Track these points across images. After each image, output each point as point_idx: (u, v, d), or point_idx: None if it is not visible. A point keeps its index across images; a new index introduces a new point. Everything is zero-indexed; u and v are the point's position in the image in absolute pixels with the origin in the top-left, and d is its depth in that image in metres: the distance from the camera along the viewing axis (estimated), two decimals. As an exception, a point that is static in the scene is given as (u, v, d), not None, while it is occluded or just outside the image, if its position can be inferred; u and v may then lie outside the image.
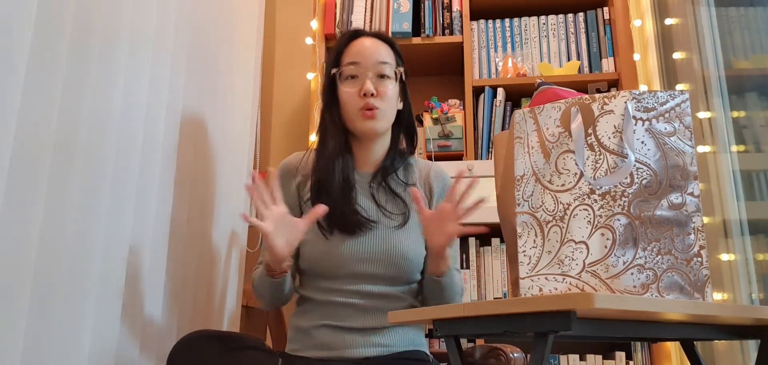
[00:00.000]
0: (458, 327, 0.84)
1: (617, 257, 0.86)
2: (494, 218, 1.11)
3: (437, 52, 2.32)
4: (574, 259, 0.87)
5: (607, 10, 2.26)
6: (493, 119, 2.20)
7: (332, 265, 1.26)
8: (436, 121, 2.19)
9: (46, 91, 0.98)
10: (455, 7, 2.28)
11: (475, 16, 2.35)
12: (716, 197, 1.70)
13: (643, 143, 0.89)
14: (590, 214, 0.88)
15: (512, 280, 1.02)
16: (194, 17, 1.55)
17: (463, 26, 2.26)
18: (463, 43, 2.25)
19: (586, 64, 2.23)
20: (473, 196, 1.14)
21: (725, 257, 1.66)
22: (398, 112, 1.38)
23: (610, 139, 0.90)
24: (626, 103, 0.91)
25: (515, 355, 1.26)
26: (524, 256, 0.90)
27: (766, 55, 1.73)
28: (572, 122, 0.92)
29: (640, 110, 0.90)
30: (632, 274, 0.85)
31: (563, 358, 1.95)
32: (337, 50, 1.36)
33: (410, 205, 1.33)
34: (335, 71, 1.33)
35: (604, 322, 0.78)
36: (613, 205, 0.88)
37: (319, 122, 1.38)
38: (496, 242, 2.03)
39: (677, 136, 0.89)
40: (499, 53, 2.30)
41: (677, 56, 1.96)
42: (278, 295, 1.28)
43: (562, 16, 2.30)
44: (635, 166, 0.88)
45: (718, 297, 1.65)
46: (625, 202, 0.88)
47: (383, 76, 1.32)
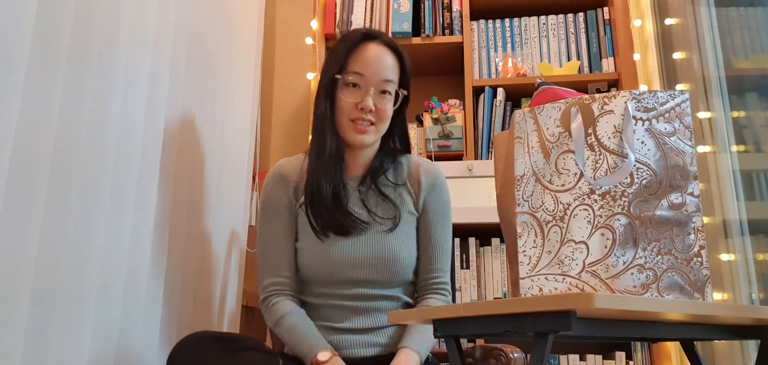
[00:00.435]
0: (458, 327, 0.84)
1: (617, 257, 0.86)
2: (494, 218, 1.11)
3: (437, 52, 2.32)
4: (574, 259, 0.87)
5: (607, 10, 2.26)
6: (493, 119, 2.20)
7: (326, 271, 1.27)
8: (436, 121, 2.19)
9: (46, 91, 0.97)
10: (455, 7, 2.28)
11: (475, 16, 2.35)
12: (716, 197, 1.70)
13: (643, 143, 0.89)
14: (590, 214, 0.88)
15: (512, 280, 1.02)
16: (194, 17, 1.55)
17: (463, 26, 2.26)
18: (463, 43, 2.25)
19: (586, 64, 2.23)
20: (473, 196, 1.13)
21: (725, 257, 1.66)
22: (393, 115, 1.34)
23: (610, 139, 0.90)
24: (626, 103, 0.90)
25: (515, 355, 1.26)
26: (524, 256, 0.90)
27: (766, 55, 1.73)
28: (572, 122, 0.92)
29: (640, 110, 0.90)
30: (632, 274, 0.85)
31: (563, 358, 1.95)
32: (344, 51, 1.30)
33: (400, 206, 1.32)
34: (339, 78, 1.29)
35: (604, 322, 0.78)
36: (613, 205, 0.88)
37: (313, 123, 1.34)
38: (496, 242, 2.03)
39: (677, 136, 0.89)
40: (499, 53, 2.30)
41: (677, 56, 1.96)
42: None
43: (562, 16, 2.30)
44: (635, 166, 0.88)
45: (718, 297, 1.65)
46: (625, 202, 0.88)
47: (385, 92, 1.30)
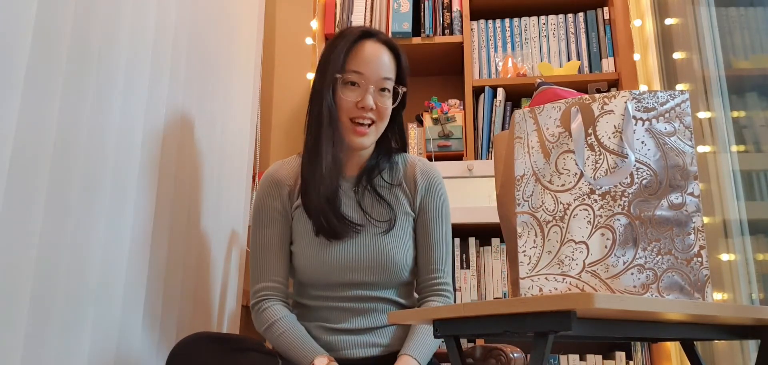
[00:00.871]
0: (458, 327, 0.84)
1: (617, 257, 0.86)
2: (494, 218, 1.11)
3: (437, 52, 2.32)
4: (574, 259, 0.87)
5: (607, 10, 2.26)
6: (493, 119, 2.20)
7: (322, 275, 1.27)
8: (436, 121, 2.19)
9: (46, 91, 0.97)
10: (455, 7, 2.28)
11: (475, 16, 2.35)
12: (716, 197, 1.70)
13: (643, 143, 0.89)
14: (590, 214, 0.88)
15: (512, 280, 1.02)
16: (194, 17, 1.55)
17: (463, 26, 2.26)
18: (463, 43, 2.25)
19: (586, 64, 2.23)
20: (473, 196, 1.13)
21: (725, 257, 1.66)
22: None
23: (610, 139, 0.90)
24: (626, 103, 0.90)
25: (515, 355, 1.26)
26: (524, 256, 0.90)
27: (766, 55, 1.73)
28: (572, 122, 0.92)
29: (640, 110, 0.90)
30: (632, 274, 0.85)
31: (563, 358, 1.95)
32: (343, 50, 1.28)
33: (396, 207, 1.32)
34: (339, 77, 1.27)
35: (604, 322, 0.78)
36: (613, 205, 0.88)
37: (310, 124, 1.31)
38: (496, 242, 2.03)
39: (677, 136, 0.89)
40: (499, 53, 2.30)
41: (677, 56, 1.95)
42: None
43: (562, 16, 2.30)
44: (635, 166, 0.88)
45: (718, 297, 1.65)
46: (625, 202, 0.88)
47: (384, 89, 1.29)
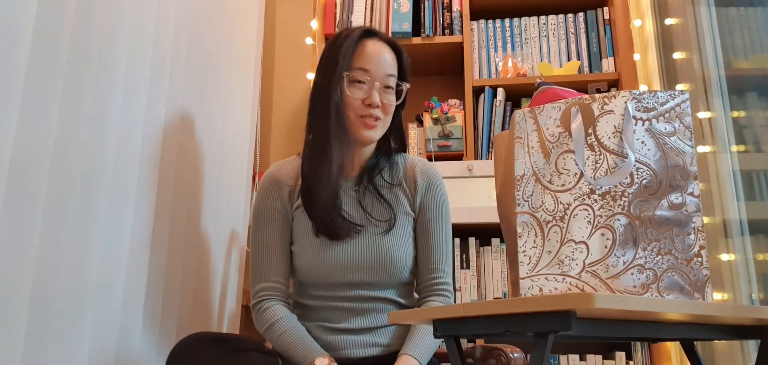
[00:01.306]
0: (458, 327, 0.84)
1: (617, 257, 0.86)
2: (494, 218, 1.10)
3: (437, 52, 2.32)
4: (574, 259, 0.87)
5: (607, 10, 2.26)
6: (493, 119, 2.20)
7: (323, 275, 1.27)
8: (436, 121, 2.19)
9: (46, 91, 0.97)
10: (455, 7, 2.28)
11: (475, 16, 2.35)
12: (716, 197, 1.70)
13: (643, 143, 0.89)
14: (590, 214, 0.88)
15: (512, 280, 1.02)
16: (194, 17, 1.55)
17: (463, 26, 2.26)
18: (463, 43, 2.25)
19: (586, 64, 2.23)
20: (473, 196, 1.13)
21: (725, 257, 1.66)
22: None
23: (610, 139, 0.90)
24: (626, 103, 0.90)
25: (515, 355, 1.26)
26: (524, 256, 0.90)
27: (766, 55, 1.73)
28: (572, 122, 0.92)
29: (640, 110, 0.90)
30: (632, 274, 0.85)
31: (563, 358, 1.95)
32: (347, 49, 1.28)
33: (396, 207, 1.32)
34: (346, 75, 1.27)
35: (604, 322, 0.78)
36: (613, 205, 0.88)
37: (314, 121, 1.31)
38: (496, 242, 2.03)
39: (677, 136, 0.89)
40: (499, 53, 2.30)
41: (677, 56, 1.95)
42: None
43: (562, 16, 2.30)
44: (635, 166, 0.88)
45: (718, 297, 1.65)
46: (625, 202, 0.88)
47: (389, 87, 1.30)
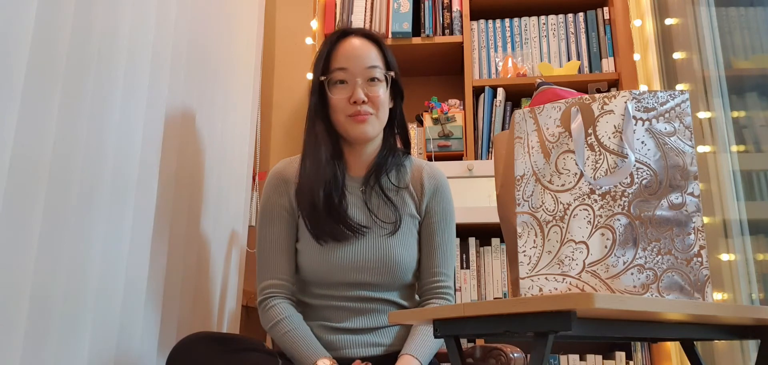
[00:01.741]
0: (458, 327, 0.84)
1: (617, 257, 0.86)
2: (494, 218, 1.10)
3: (437, 52, 2.32)
4: (574, 259, 0.87)
5: (607, 10, 2.26)
6: (493, 119, 2.20)
7: (326, 274, 1.27)
8: (436, 121, 2.19)
9: (45, 92, 0.97)
10: (455, 7, 2.28)
11: (475, 16, 2.35)
12: (716, 197, 1.70)
13: (643, 143, 0.89)
14: (590, 214, 0.88)
15: (512, 280, 1.02)
16: (194, 17, 1.55)
17: (463, 26, 2.26)
18: (463, 43, 2.25)
19: (586, 64, 2.23)
20: (473, 196, 1.13)
21: (725, 257, 1.66)
22: (390, 110, 1.35)
23: (610, 139, 0.90)
24: (626, 103, 0.90)
25: (515, 355, 1.26)
26: (524, 256, 0.90)
27: (766, 55, 1.73)
28: (572, 122, 0.92)
29: (640, 110, 0.90)
30: (632, 274, 0.85)
31: (563, 358, 1.95)
32: (325, 53, 1.31)
33: (402, 209, 1.32)
34: (324, 79, 1.29)
35: (604, 322, 0.78)
36: (613, 205, 0.88)
37: (306, 127, 1.33)
38: (496, 242, 2.03)
39: (677, 136, 0.89)
40: (499, 53, 2.30)
41: (677, 56, 1.95)
42: None
43: (562, 16, 2.30)
44: (635, 166, 0.88)
45: (718, 297, 1.65)
46: (625, 202, 0.88)
47: (373, 79, 1.29)
